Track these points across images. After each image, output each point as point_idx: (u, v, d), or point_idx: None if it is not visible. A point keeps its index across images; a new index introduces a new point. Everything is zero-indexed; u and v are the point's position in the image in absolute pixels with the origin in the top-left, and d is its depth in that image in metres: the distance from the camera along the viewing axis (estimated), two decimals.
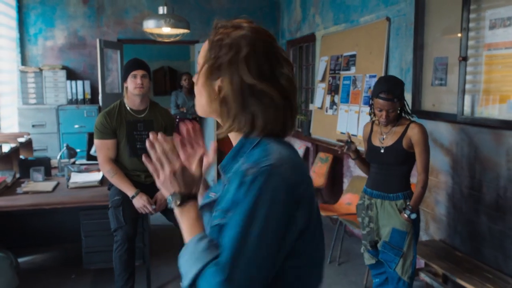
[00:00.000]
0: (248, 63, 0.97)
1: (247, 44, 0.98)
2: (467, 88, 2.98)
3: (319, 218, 1.02)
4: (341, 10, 4.74)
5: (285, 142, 1.03)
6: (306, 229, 0.95)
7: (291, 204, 0.91)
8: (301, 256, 0.96)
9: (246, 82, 0.97)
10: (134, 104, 3.17)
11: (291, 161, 0.96)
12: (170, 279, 3.60)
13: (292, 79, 1.02)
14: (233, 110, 0.99)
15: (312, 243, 0.98)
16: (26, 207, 3.12)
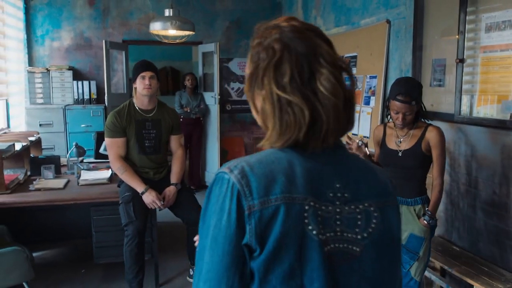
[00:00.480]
0: (279, 70, 0.87)
1: (280, 47, 0.87)
2: (464, 89, 3.10)
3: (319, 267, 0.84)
4: (342, 13, 4.86)
5: (292, 153, 0.89)
6: (268, 256, 0.82)
7: (238, 212, 0.82)
8: (269, 286, 0.83)
9: (276, 93, 0.87)
10: (143, 104, 3.29)
11: (253, 168, 0.85)
12: (177, 273, 3.72)
13: (334, 81, 0.86)
14: (272, 125, 0.88)
15: (287, 281, 0.83)
16: (40, 203, 3.24)
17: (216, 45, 6.05)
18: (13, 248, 2.80)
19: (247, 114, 6.84)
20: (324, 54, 0.88)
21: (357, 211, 0.89)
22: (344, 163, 0.93)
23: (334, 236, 0.86)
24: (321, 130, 0.86)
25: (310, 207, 0.84)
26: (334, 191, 0.88)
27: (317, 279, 0.83)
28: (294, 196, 0.83)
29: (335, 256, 0.86)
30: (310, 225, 0.83)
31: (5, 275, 2.73)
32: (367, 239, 0.88)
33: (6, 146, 3.47)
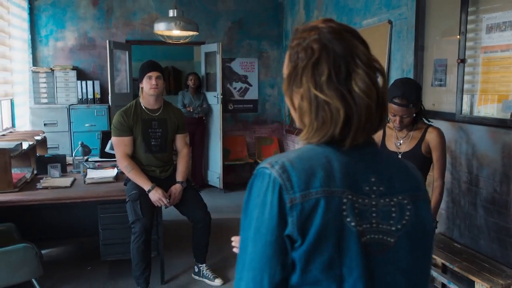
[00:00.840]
0: (317, 69, 0.91)
1: (319, 47, 0.91)
2: (465, 89, 3.16)
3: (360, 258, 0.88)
4: (344, 13, 4.91)
5: (329, 149, 0.93)
6: (308, 247, 0.86)
7: (280, 205, 0.86)
8: (304, 276, 0.87)
9: (313, 91, 0.91)
10: (149, 104, 3.35)
11: (293, 164, 0.89)
12: (182, 271, 3.77)
13: (369, 82, 0.91)
14: (309, 122, 0.93)
15: (327, 271, 0.87)
16: (48, 201, 3.30)
17: (219, 45, 6.11)
18: (23, 245, 2.85)
19: (249, 114, 6.89)
20: (360, 55, 0.92)
21: (391, 204, 0.93)
22: (377, 158, 0.97)
23: (370, 227, 0.90)
24: (355, 128, 0.90)
25: (348, 200, 0.88)
26: (369, 185, 0.92)
27: (355, 269, 0.87)
28: (333, 189, 0.87)
29: (371, 246, 0.90)
30: (349, 217, 0.87)
31: (14, 271, 2.78)
32: (401, 231, 0.93)
33: (14, 145, 3.52)
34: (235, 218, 5.10)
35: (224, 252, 4.17)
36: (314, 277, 0.87)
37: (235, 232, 4.13)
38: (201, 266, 3.60)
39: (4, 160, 3.33)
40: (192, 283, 3.58)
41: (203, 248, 3.55)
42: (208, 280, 3.55)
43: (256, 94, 6.90)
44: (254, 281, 0.87)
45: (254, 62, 6.81)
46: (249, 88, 6.85)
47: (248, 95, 6.87)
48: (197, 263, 3.62)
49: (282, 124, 7.02)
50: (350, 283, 0.87)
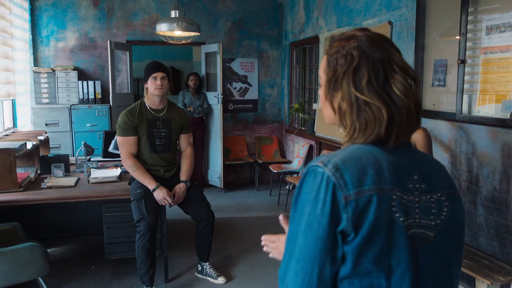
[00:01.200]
0: (357, 74, 0.98)
1: (359, 54, 0.99)
2: (465, 89, 3.21)
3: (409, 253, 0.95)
4: (344, 14, 4.96)
5: (375, 148, 0.99)
6: (361, 240, 0.92)
7: (333, 202, 0.92)
8: (356, 268, 0.94)
9: (354, 93, 0.98)
10: (154, 104, 3.39)
11: (345, 163, 0.95)
12: (185, 269, 3.81)
13: (407, 85, 0.98)
14: (350, 123, 1.00)
15: (378, 263, 0.93)
16: (53, 200, 3.32)
17: (219, 45, 6.14)
18: (30, 243, 2.88)
19: (249, 114, 6.93)
20: (397, 60, 1.00)
21: (432, 200, 1.01)
22: (416, 157, 1.04)
23: (414, 222, 0.97)
24: (398, 127, 0.98)
25: (397, 197, 0.95)
26: (413, 183, 0.99)
27: (403, 261, 0.95)
28: (384, 187, 0.94)
29: (415, 240, 0.97)
30: (397, 212, 0.95)
31: (21, 270, 2.81)
32: (440, 225, 1.00)
33: (18, 145, 3.55)
34: (235, 217, 5.18)
35: (226, 250, 4.21)
36: (365, 269, 0.93)
37: (235, 230, 4.23)
38: (204, 264, 3.64)
39: (9, 160, 3.35)
40: (195, 281, 3.61)
41: (206, 246, 3.59)
42: (211, 279, 3.58)
43: (256, 94, 6.94)
44: (304, 271, 0.94)
45: (254, 62, 6.85)
46: (249, 88, 6.89)
47: (248, 95, 6.91)
48: (200, 261, 3.66)
49: (282, 124, 7.06)
50: (399, 274, 0.94)
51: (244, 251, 4.20)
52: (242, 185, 6.81)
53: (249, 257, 4.06)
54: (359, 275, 0.94)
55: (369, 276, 0.94)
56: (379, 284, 0.94)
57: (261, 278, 3.66)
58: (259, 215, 5.37)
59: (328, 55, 1.04)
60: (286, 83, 6.86)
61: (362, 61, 0.98)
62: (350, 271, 0.94)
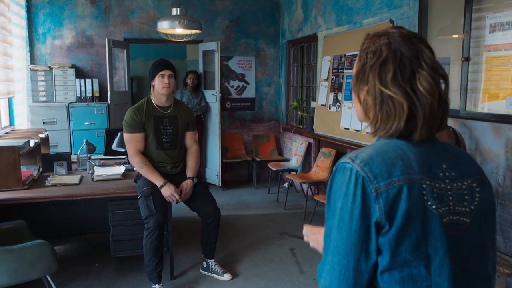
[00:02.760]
0: (384, 68, 1.01)
1: (387, 49, 1.01)
2: (469, 86, 3.26)
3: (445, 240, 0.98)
4: (344, 12, 4.99)
5: (401, 142, 1.02)
6: (397, 230, 0.95)
7: (363, 196, 0.96)
8: (395, 259, 0.96)
9: (379, 87, 1.01)
10: (161, 101, 3.39)
11: (372, 157, 0.98)
12: (190, 266, 3.82)
13: (432, 83, 1.00)
14: (373, 115, 1.04)
15: (416, 251, 0.96)
16: (59, 198, 3.31)
17: (217, 43, 6.14)
18: (38, 241, 2.86)
19: (246, 112, 6.95)
20: (426, 58, 1.01)
21: (463, 187, 1.03)
22: (443, 148, 1.07)
23: (448, 209, 1.00)
24: (420, 122, 1.00)
25: (427, 186, 0.98)
26: (442, 171, 1.02)
27: (441, 247, 0.98)
28: (413, 176, 0.97)
29: (450, 227, 1.00)
30: (429, 201, 0.97)
31: (30, 268, 2.79)
32: (474, 211, 1.03)
33: (22, 143, 3.52)
34: (234, 215, 5.20)
35: (229, 248, 4.22)
36: (404, 258, 0.96)
37: (236, 228, 4.27)
38: (210, 261, 3.65)
39: (14, 158, 3.33)
40: (201, 278, 3.62)
41: (212, 243, 3.59)
42: (217, 275, 3.59)
43: (253, 92, 6.95)
44: (340, 264, 0.98)
45: (251, 61, 6.86)
46: (246, 86, 6.91)
47: (245, 94, 6.92)
48: (206, 258, 3.66)
49: (279, 122, 7.09)
50: (437, 261, 0.97)
51: (247, 248, 4.22)
52: (240, 183, 6.83)
53: (252, 254, 4.08)
54: (399, 265, 0.97)
55: (409, 266, 0.97)
56: (419, 273, 0.97)
57: (266, 275, 3.68)
58: (259, 213, 5.39)
59: (360, 51, 1.07)
60: (283, 81, 6.89)
61: (390, 55, 1.00)
62: (389, 263, 0.97)
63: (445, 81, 1.04)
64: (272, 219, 5.12)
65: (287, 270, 3.77)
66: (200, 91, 6.48)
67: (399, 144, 1.02)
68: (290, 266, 3.85)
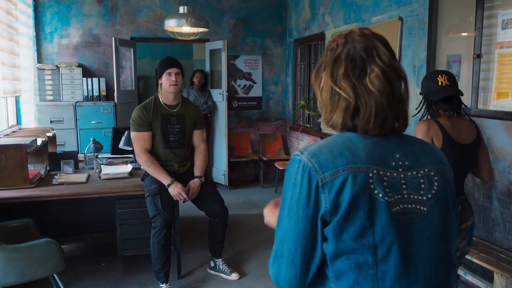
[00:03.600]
0: (336, 64, 1.04)
1: (342, 46, 1.04)
2: (480, 83, 3.21)
3: (392, 225, 0.99)
4: (352, 10, 4.95)
5: (354, 135, 1.05)
6: (341, 217, 0.97)
7: (309, 186, 0.99)
8: (339, 246, 0.99)
9: (329, 83, 1.05)
10: (168, 100, 3.36)
11: (320, 149, 1.01)
12: (197, 266, 3.80)
13: (383, 80, 1.01)
14: (324, 108, 1.09)
15: (360, 239, 0.98)
16: (66, 196, 3.30)
17: (224, 42, 6.12)
18: (45, 239, 2.85)
19: (253, 111, 6.92)
20: (381, 55, 1.03)
21: (419, 176, 1.04)
22: (399, 139, 1.08)
23: (402, 198, 1.01)
24: (365, 117, 1.02)
25: (374, 175, 0.99)
26: (395, 160, 1.03)
27: (387, 236, 0.98)
28: (359, 166, 0.99)
29: (405, 215, 1.00)
30: (376, 189, 0.99)
31: (37, 266, 2.78)
32: (432, 200, 1.04)
33: (29, 141, 3.51)
34: (242, 215, 5.17)
35: (237, 247, 4.19)
36: (348, 246, 0.98)
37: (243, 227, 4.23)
38: (217, 260, 3.62)
39: (21, 156, 3.32)
40: (208, 277, 3.60)
41: (219, 242, 3.57)
42: (224, 275, 3.57)
43: (260, 92, 6.92)
44: (288, 251, 1.01)
45: (258, 60, 6.83)
46: (253, 85, 6.88)
47: (252, 93, 6.89)
48: (213, 257, 3.64)
49: (286, 121, 7.05)
50: (384, 249, 0.98)
51: (254, 248, 4.19)
52: (247, 183, 6.80)
53: (259, 254, 4.05)
54: (345, 252, 0.99)
55: (355, 253, 0.98)
56: (365, 260, 0.98)
57: None
58: None
59: (324, 50, 1.12)
60: (290, 80, 6.85)
61: (344, 52, 1.04)
62: (335, 250, 0.99)
63: (403, 80, 1.06)
64: None
65: None
66: (207, 90, 6.46)
67: (351, 136, 1.04)
68: None
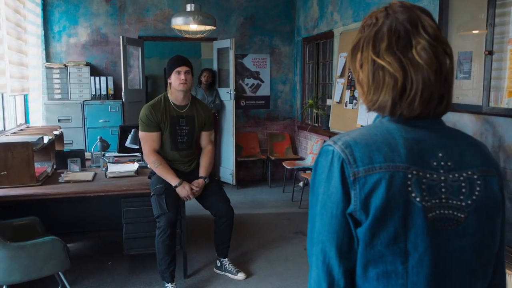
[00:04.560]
0: (378, 37, 0.93)
1: (384, 18, 0.94)
2: (492, 81, 3.14)
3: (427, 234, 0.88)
4: (361, 7, 4.89)
5: (393, 126, 0.94)
6: (373, 220, 0.87)
7: (343, 179, 0.89)
8: (369, 252, 0.89)
9: (372, 57, 0.94)
10: (177, 100, 3.32)
11: (356, 140, 0.91)
12: (204, 265, 3.77)
13: (431, 53, 0.90)
14: (366, 88, 0.97)
15: (392, 246, 0.88)
16: (72, 194, 3.28)
17: (232, 41, 6.09)
18: (51, 237, 2.84)
19: (261, 110, 6.88)
20: (427, 26, 0.92)
21: (461, 179, 0.92)
22: (444, 134, 0.96)
23: (439, 203, 0.90)
24: (411, 95, 0.90)
25: (413, 176, 0.88)
26: (437, 160, 0.92)
27: (421, 244, 0.88)
28: (398, 164, 0.88)
29: (440, 222, 0.90)
30: (414, 192, 0.88)
31: (42, 264, 2.76)
32: (471, 206, 0.92)
33: (36, 139, 3.51)
34: (250, 214, 5.13)
35: (243, 247, 4.16)
36: (378, 252, 0.89)
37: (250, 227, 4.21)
38: (224, 260, 3.58)
39: (27, 154, 3.31)
40: (214, 277, 3.56)
41: (226, 242, 3.53)
42: (231, 274, 3.53)
43: (268, 91, 6.88)
44: (322, 252, 0.91)
45: (266, 58, 6.79)
46: (261, 84, 6.84)
47: (260, 92, 6.85)
48: (219, 257, 3.60)
49: (294, 120, 7.00)
50: (416, 257, 0.88)
51: (261, 247, 4.15)
52: (254, 182, 6.76)
53: (266, 253, 4.01)
54: (373, 259, 0.89)
55: (383, 261, 0.89)
56: (395, 269, 0.89)
57: (281, 274, 3.61)
58: (274, 212, 5.32)
59: (360, 26, 1.01)
60: (299, 79, 6.80)
61: (385, 24, 0.93)
62: (363, 255, 0.90)
63: (449, 55, 0.94)
64: (287, 218, 5.05)
65: (302, 269, 3.69)
66: (214, 89, 6.44)
67: (390, 128, 0.93)
68: (305, 265, 3.77)
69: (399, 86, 0.91)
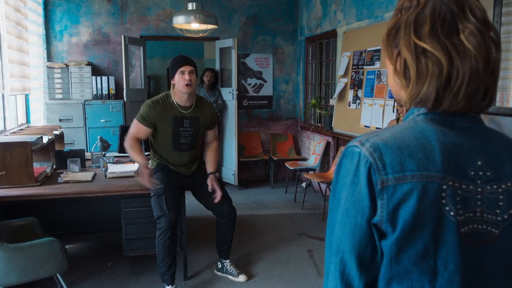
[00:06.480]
0: (420, 19, 0.82)
1: (426, 2, 0.83)
2: (498, 81, 3.08)
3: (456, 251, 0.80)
4: (365, 6, 4.84)
5: (429, 127, 0.83)
6: (401, 234, 0.79)
7: (369, 186, 0.81)
8: (393, 267, 0.81)
9: (413, 40, 0.82)
10: (181, 101, 3.27)
11: (386, 142, 0.81)
12: (204, 267, 3.72)
13: (480, 38, 0.80)
14: (412, 73, 0.83)
15: (420, 263, 0.80)
16: (70, 195, 3.24)
17: (234, 40, 6.04)
18: (48, 239, 2.80)
19: (263, 110, 6.83)
20: (475, 9, 0.82)
21: (499, 191, 0.83)
22: (485, 138, 0.86)
23: (473, 216, 0.81)
24: (455, 87, 0.80)
25: (449, 187, 0.79)
26: (475, 169, 0.82)
27: (452, 262, 0.80)
28: (432, 174, 0.79)
29: (472, 237, 0.81)
30: (448, 205, 0.79)
31: (40, 266, 2.72)
32: (507, 221, 0.83)
33: (35, 139, 3.47)
34: (252, 215, 5.08)
35: (245, 248, 4.11)
36: (404, 268, 0.80)
37: (252, 228, 4.15)
38: (225, 262, 3.54)
39: (26, 154, 3.27)
40: (215, 279, 3.51)
41: (227, 243, 3.48)
42: (231, 276, 3.48)
43: (271, 90, 6.83)
44: (342, 263, 0.83)
45: (268, 58, 6.74)
46: (264, 84, 6.79)
47: (263, 91, 6.80)
48: (221, 258, 3.55)
49: (296, 120, 6.95)
50: (445, 277, 0.80)
51: (263, 249, 4.09)
52: (257, 183, 6.71)
53: (268, 255, 3.96)
54: (397, 275, 0.81)
55: (409, 278, 0.81)
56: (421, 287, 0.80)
57: (282, 276, 3.55)
58: (276, 213, 5.26)
59: (395, 10, 0.89)
60: (302, 79, 6.75)
61: (428, 4, 0.82)
62: (387, 271, 0.82)
63: (497, 46, 0.82)
64: (289, 219, 4.99)
65: (305, 271, 3.64)
66: (216, 89, 6.39)
67: (426, 130, 0.82)
68: (307, 267, 3.71)
69: (444, 75, 0.80)
